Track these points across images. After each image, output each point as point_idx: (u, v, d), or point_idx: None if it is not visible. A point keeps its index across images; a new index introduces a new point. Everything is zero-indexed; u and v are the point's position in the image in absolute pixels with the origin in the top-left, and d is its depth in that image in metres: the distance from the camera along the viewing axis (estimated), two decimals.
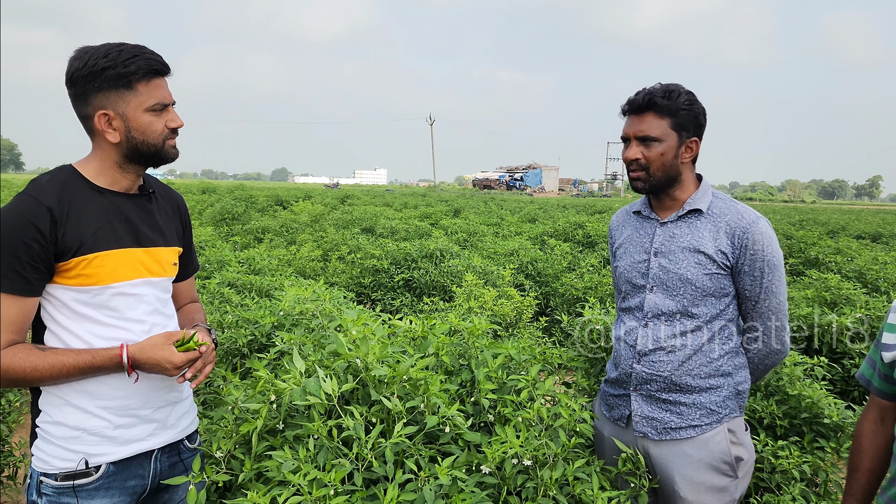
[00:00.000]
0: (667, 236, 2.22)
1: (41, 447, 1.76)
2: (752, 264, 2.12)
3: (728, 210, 2.17)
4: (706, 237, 2.15)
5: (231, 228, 13.32)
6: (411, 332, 2.37)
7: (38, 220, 1.64)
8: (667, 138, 2.14)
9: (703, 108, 2.19)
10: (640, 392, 2.23)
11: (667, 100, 2.13)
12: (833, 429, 2.94)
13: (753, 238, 2.11)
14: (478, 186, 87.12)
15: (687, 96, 2.15)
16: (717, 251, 2.13)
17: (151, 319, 1.87)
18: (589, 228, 11.26)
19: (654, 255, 2.23)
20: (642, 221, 2.34)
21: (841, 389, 4.22)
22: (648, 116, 2.16)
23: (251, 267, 6.45)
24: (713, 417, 2.16)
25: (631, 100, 2.20)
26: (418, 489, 1.69)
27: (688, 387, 2.16)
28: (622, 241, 2.39)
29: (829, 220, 22.82)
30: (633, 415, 2.23)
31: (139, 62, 1.71)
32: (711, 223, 2.17)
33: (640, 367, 2.21)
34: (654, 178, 2.19)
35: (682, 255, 2.17)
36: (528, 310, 5.68)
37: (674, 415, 2.17)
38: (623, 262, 2.34)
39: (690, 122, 2.16)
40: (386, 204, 23.52)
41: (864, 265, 8.13)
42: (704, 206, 2.19)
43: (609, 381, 2.38)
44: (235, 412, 1.94)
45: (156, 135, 1.78)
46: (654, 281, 2.21)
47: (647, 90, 2.17)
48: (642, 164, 2.18)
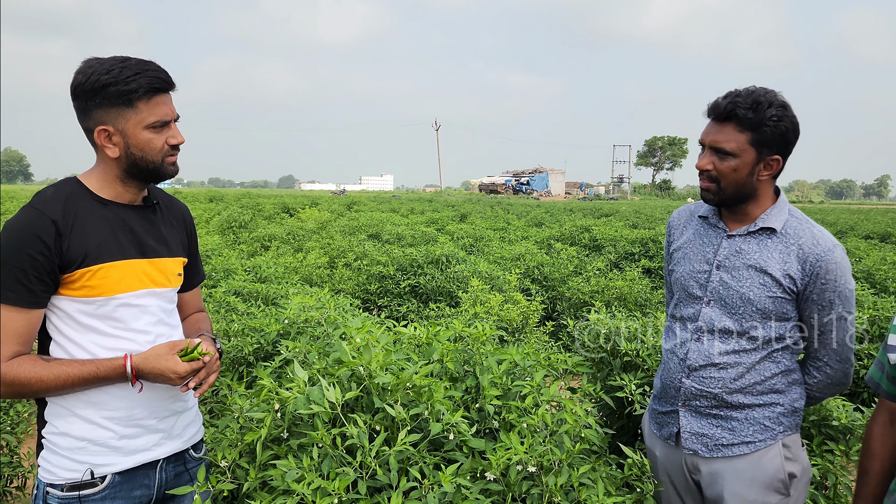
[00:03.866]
0: (733, 250, 2.09)
1: (47, 458, 1.77)
2: (821, 294, 2.00)
3: (803, 233, 2.03)
4: (775, 258, 2.03)
5: (238, 236, 13.36)
6: (416, 338, 2.37)
7: (44, 233, 1.66)
8: (743, 154, 1.98)
9: (794, 125, 1.99)
10: (689, 407, 2.14)
11: (752, 112, 1.94)
12: (842, 431, 2.92)
13: (827, 267, 1.98)
14: (484, 191, 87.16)
15: (777, 110, 1.95)
16: (784, 275, 2.01)
17: (156, 330, 1.87)
18: (595, 232, 11.24)
19: (716, 268, 2.11)
20: (707, 228, 2.19)
21: (850, 391, 4.19)
22: (728, 127, 1.99)
23: (257, 275, 6.47)
24: (767, 434, 2.07)
25: (714, 104, 2.03)
26: (422, 497, 1.68)
27: (740, 404, 2.07)
28: (682, 243, 2.25)
29: (837, 220, 22.70)
30: (681, 431, 2.15)
31: (141, 80, 1.71)
32: (783, 244, 2.04)
33: (689, 381, 2.12)
34: (725, 193, 2.05)
35: (746, 273, 2.05)
36: (534, 314, 5.67)
37: (725, 430, 2.09)
38: (681, 268, 2.21)
39: (775, 139, 1.97)
40: (392, 210, 23.56)
41: (872, 266, 8.09)
42: (779, 226, 2.05)
43: (656, 395, 2.29)
44: (240, 421, 1.95)
45: (155, 152, 1.78)
46: (713, 295, 2.10)
47: (734, 96, 1.99)
48: (713, 175, 2.04)
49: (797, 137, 2.03)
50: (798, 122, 2.02)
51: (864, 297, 5.48)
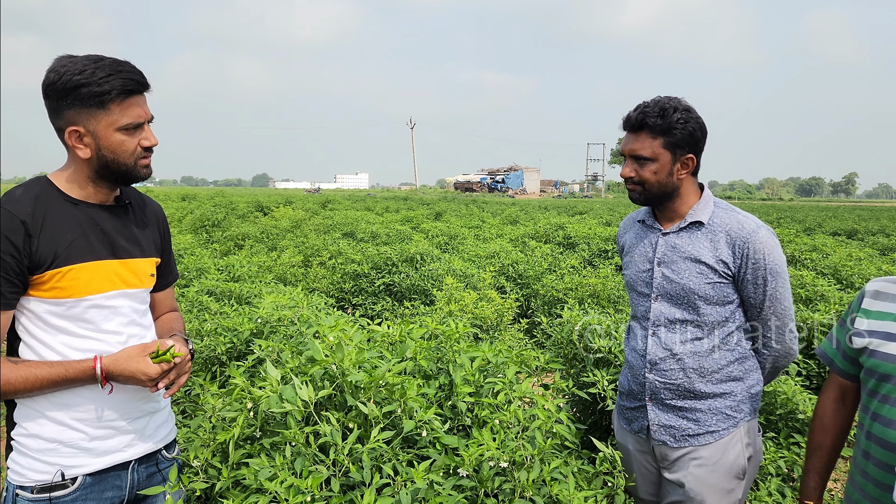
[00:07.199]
0: (669, 246, 2.24)
1: (17, 460, 1.75)
2: (754, 273, 2.15)
3: (729, 220, 2.19)
4: (706, 247, 2.17)
5: (211, 235, 13.24)
6: (389, 336, 2.38)
7: (12, 234, 1.63)
8: (660, 157, 2.15)
9: (699, 125, 2.17)
10: (655, 401, 2.26)
11: (660, 118, 2.12)
12: (808, 424, 2.98)
13: (754, 248, 2.13)
14: (459, 189, 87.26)
15: (682, 114, 2.13)
16: (717, 261, 2.15)
17: (128, 331, 1.86)
18: (569, 230, 11.33)
19: (657, 265, 2.25)
20: (646, 231, 2.35)
21: (816, 385, 4.28)
22: (642, 135, 2.17)
23: (231, 274, 6.43)
24: (730, 422, 2.20)
25: (627, 117, 2.21)
26: (395, 493, 1.70)
27: (702, 393, 2.19)
28: (627, 248, 2.42)
29: (805, 217, 23.09)
30: (650, 424, 2.26)
31: (114, 81, 1.67)
32: (712, 233, 2.19)
33: (652, 376, 2.24)
34: (650, 193, 2.22)
35: (683, 265, 2.19)
36: (508, 312, 5.70)
37: (691, 422, 2.21)
38: (629, 270, 2.37)
39: (685, 140, 2.15)
40: (367, 208, 23.50)
41: (838, 262, 8.26)
42: (706, 218, 2.20)
43: (623, 393, 2.41)
44: (213, 420, 1.94)
45: (127, 154, 1.75)
46: (659, 290, 2.24)
47: (643, 107, 2.17)
48: (636, 181, 2.21)
49: (705, 136, 2.21)
50: (703, 122, 2.20)
51: (830, 292, 5.59)
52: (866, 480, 1.78)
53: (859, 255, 9.02)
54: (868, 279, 7.36)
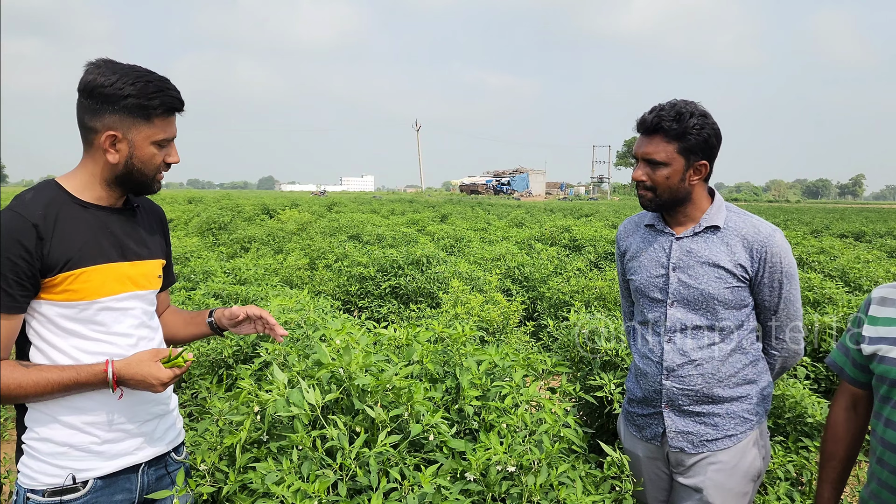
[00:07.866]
0: (684, 251, 2.22)
1: (27, 463, 1.75)
2: (771, 276, 2.15)
3: (743, 224, 2.19)
4: (723, 252, 2.17)
5: (217, 238, 13.27)
6: (396, 339, 2.38)
7: (24, 237, 1.64)
8: (673, 162, 2.13)
9: (715, 131, 2.16)
10: (672, 408, 2.24)
11: (676, 123, 2.10)
12: (817, 428, 2.97)
13: (771, 252, 2.14)
14: (465, 191, 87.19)
15: (698, 119, 2.11)
16: (736, 265, 2.15)
17: (138, 333, 1.87)
18: (575, 232, 11.31)
19: (672, 270, 2.22)
20: (655, 235, 2.32)
21: (825, 388, 4.26)
22: (656, 139, 2.15)
23: (237, 277, 6.44)
24: (747, 425, 2.20)
25: (641, 119, 2.18)
26: (402, 498, 1.69)
27: (720, 397, 2.18)
28: (633, 253, 2.37)
29: (812, 219, 23.02)
30: (667, 431, 2.25)
31: (163, 98, 1.75)
32: (728, 238, 2.18)
33: (669, 382, 2.22)
34: (661, 199, 2.20)
35: (701, 270, 2.18)
36: (514, 315, 5.69)
37: (709, 427, 2.20)
38: (639, 276, 2.32)
39: (700, 146, 2.13)
40: (373, 211, 23.52)
41: (846, 264, 8.23)
42: (721, 222, 2.20)
43: (634, 400, 2.37)
44: (220, 424, 1.94)
45: (153, 167, 1.81)
46: (675, 296, 2.22)
47: (658, 110, 2.15)
48: (648, 185, 2.19)
49: (720, 142, 2.18)
50: (719, 128, 2.17)
51: (838, 295, 5.56)
52: (881, 488, 1.77)
53: (867, 258, 8.98)
54: (876, 281, 7.33)
